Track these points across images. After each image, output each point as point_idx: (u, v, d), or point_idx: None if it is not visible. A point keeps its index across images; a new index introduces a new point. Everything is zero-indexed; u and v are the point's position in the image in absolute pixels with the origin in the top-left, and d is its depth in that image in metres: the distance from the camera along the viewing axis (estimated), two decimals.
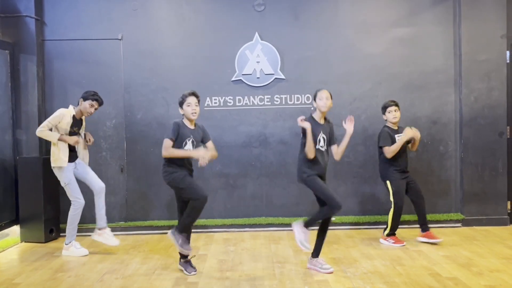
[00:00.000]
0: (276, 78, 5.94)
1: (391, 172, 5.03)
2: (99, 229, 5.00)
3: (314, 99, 4.24)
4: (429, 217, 5.82)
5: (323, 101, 4.17)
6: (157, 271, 4.36)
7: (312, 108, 5.83)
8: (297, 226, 4.20)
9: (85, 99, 4.89)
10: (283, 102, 5.96)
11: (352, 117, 4.31)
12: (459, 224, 5.83)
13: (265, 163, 5.98)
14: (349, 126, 4.26)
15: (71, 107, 4.96)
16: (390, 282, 3.90)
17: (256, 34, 5.92)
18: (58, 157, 4.85)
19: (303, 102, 5.95)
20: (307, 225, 4.18)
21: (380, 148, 5.06)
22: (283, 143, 5.98)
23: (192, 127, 4.23)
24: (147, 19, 5.95)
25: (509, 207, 5.89)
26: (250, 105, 5.97)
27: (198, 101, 4.23)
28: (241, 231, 5.86)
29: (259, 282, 3.99)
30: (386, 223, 5.13)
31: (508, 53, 5.85)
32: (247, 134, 6.00)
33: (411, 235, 5.33)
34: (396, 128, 5.10)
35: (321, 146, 4.20)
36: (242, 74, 5.94)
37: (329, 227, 4.27)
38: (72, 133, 4.93)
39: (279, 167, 6.00)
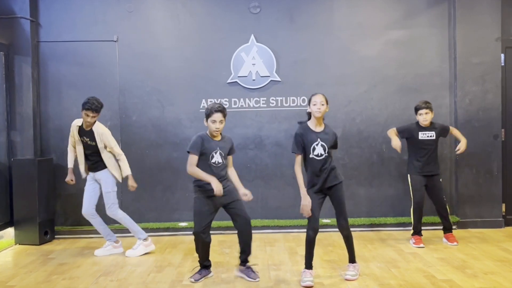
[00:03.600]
0: (271, 80, 5.94)
1: None
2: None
3: (309, 103, 4.01)
4: (424, 219, 5.83)
5: (317, 106, 3.92)
6: (152, 273, 4.36)
7: (308, 110, 5.84)
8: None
9: (82, 109, 4.80)
10: (279, 104, 5.96)
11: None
12: (454, 227, 5.82)
13: (260, 165, 5.98)
14: None
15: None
16: (385, 285, 3.91)
17: (252, 36, 5.92)
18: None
19: (298, 104, 5.95)
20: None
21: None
22: (278, 145, 5.97)
23: (218, 138, 4.12)
24: (142, 21, 5.93)
25: (503, 209, 5.91)
26: (246, 107, 5.97)
27: (224, 116, 4.06)
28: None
29: (255, 285, 3.99)
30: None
31: (502, 56, 5.87)
32: (242, 136, 5.99)
33: (406, 237, 5.35)
34: None
35: (316, 155, 3.97)
36: (238, 76, 5.93)
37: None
38: (83, 142, 4.89)
39: (275, 169, 5.99)
